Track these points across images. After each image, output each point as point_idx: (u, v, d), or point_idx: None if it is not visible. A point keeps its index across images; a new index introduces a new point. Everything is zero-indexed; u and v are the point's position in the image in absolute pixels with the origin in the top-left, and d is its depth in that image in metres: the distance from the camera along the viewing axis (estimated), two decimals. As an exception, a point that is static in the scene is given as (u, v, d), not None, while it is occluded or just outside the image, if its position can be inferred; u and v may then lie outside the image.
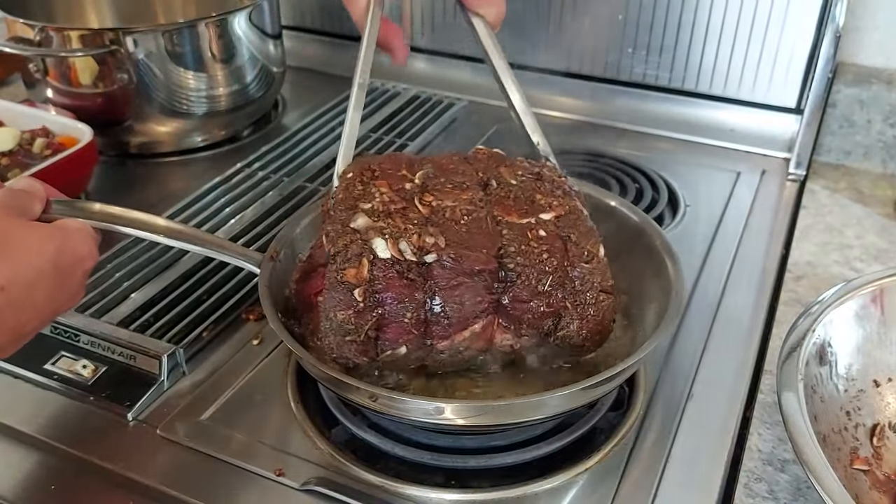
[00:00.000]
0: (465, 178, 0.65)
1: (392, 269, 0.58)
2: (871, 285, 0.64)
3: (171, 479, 0.61)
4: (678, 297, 0.64)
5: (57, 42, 0.96)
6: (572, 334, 0.61)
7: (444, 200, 0.62)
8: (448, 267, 0.59)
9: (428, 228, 0.60)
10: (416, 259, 0.58)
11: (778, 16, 1.01)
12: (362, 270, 0.58)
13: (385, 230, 0.59)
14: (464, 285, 0.59)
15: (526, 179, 0.67)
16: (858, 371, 0.63)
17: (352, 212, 0.61)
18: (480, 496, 0.60)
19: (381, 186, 0.63)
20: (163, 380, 0.69)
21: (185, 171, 1.04)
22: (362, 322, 0.58)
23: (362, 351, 0.60)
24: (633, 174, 0.99)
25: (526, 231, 0.62)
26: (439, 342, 0.61)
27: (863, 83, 1.00)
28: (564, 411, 0.60)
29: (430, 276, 0.59)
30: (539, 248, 0.61)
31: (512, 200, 0.64)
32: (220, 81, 1.04)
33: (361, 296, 0.58)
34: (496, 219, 0.63)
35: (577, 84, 1.16)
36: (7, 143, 0.91)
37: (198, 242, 0.66)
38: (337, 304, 0.58)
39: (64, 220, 0.60)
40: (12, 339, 0.55)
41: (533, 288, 0.60)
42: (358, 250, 0.58)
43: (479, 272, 0.59)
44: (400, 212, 0.61)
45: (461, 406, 0.58)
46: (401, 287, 0.58)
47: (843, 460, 0.58)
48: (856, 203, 0.95)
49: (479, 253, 0.59)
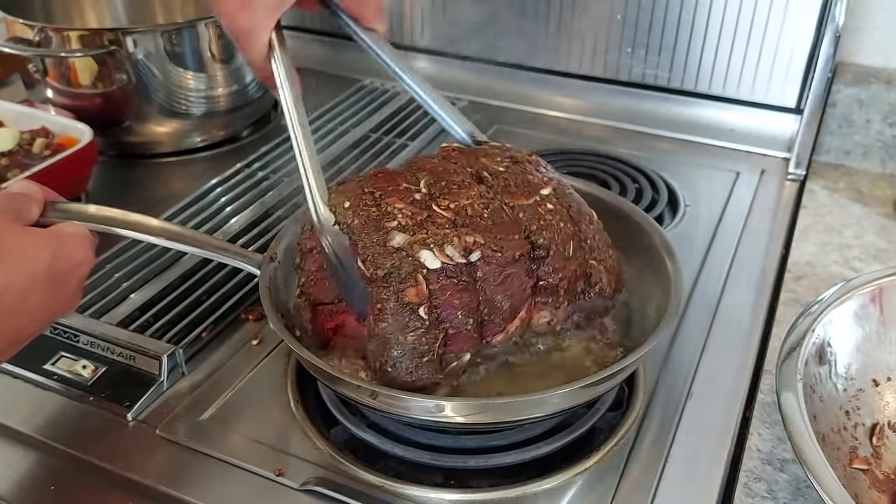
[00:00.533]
0: (462, 176, 0.65)
1: (445, 278, 0.58)
2: (871, 285, 0.64)
3: (171, 479, 0.61)
4: (678, 293, 0.64)
5: (56, 42, 0.96)
6: (605, 286, 0.66)
7: (458, 201, 0.62)
8: (494, 261, 0.59)
9: (461, 229, 0.60)
10: (465, 261, 0.58)
11: (777, 16, 1.01)
12: (421, 287, 0.57)
13: (427, 240, 0.58)
14: (511, 276, 0.60)
15: (508, 164, 0.68)
16: (858, 370, 0.63)
17: (382, 232, 0.59)
18: (480, 496, 0.60)
19: (394, 203, 0.61)
20: (162, 380, 0.69)
21: (185, 171, 1.04)
22: (432, 338, 0.58)
23: (437, 368, 0.59)
24: (633, 174, 0.99)
25: (537, 208, 0.64)
26: (494, 337, 0.62)
27: (862, 83, 1.00)
28: (565, 409, 0.60)
29: (478, 277, 0.59)
30: (555, 220, 0.64)
31: (514, 186, 0.65)
32: (220, 82, 1.04)
33: (426, 313, 0.57)
34: (509, 206, 0.64)
35: (577, 84, 1.16)
36: (7, 143, 0.91)
37: (196, 244, 0.66)
38: (405, 328, 0.57)
39: (60, 224, 0.59)
40: (8, 344, 0.55)
41: (563, 256, 0.63)
42: (410, 268, 0.57)
43: (520, 257, 0.61)
44: (428, 220, 0.60)
45: (461, 404, 0.58)
46: (457, 293, 0.58)
47: (843, 460, 0.58)
48: (855, 203, 0.95)
49: (513, 240, 0.61)
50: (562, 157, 1.03)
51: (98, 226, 0.63)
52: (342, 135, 1.08)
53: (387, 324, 0.57)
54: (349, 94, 1.19)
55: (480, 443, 0.63)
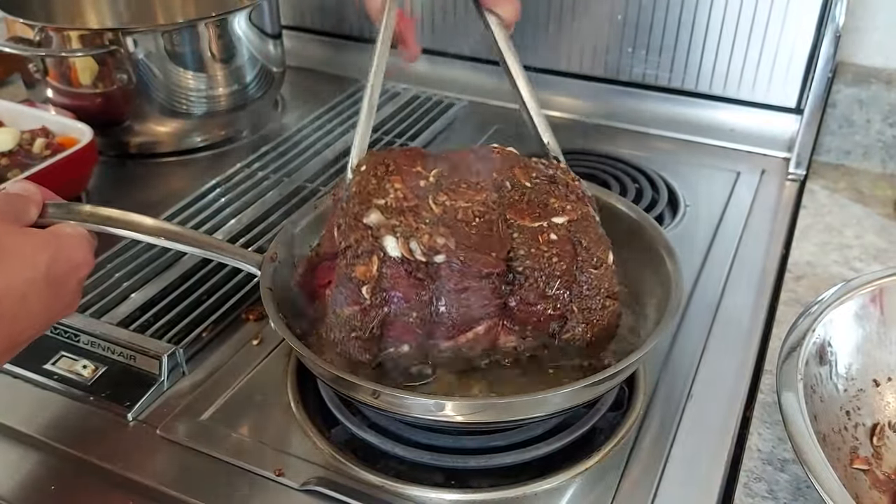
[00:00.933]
0: (480, 178, 0.65)
1: (401, 268, 0.58)
2: (871, 285, 0.64)
3: (171, 479, 0.61)
4: (678, 292, 0.64)
5: (57, 42, 0.96)
6: (577, 337, 0.63)
7: (457, 201, 0.62)
8: (456, 269, 0.59)
9: (439, 229, 0.60)
10: (426, 259, 0.58)
11: (778, 16, 1.01)
12: (371, 268, 0.58)
13: (397, 228, 0.59)
14: (470, 289, 0.60)
15: (540, 182, 0.66)
16: (858, 371, 0.63)
17: (365, 206, 0.60)
18: (480, 496, 0.60)
19: (395, 182, 0.62)
20: (163, 380, 0.69)
21: (185, 171, 1.04)
22: (368, 319, 0.58)
23: (366, 348, 0.60)
24: (633, 174, 0.99)
25: (537, 235, 0.62)
26: (443, 342, 0.61)
27: (862, 83, 1.00)
28: (566, 409, 0.60)
29: (437, 277, 0.59)
30: (549, 252, 0.61)
31: (525, 203, 0.64)
32: (220, 81, 1.04)
33: (369, 293, 0.58)
34: (508, 222, 0.63)
35: (577, 84, 1.16)
36: (7, 143, 0.91)
37: (196, 244, 0.66)
38: (345, 300, 0.58)
39: (59, 225, 0.59)
40: (6, 348, 0.54)
41: (540, 291, 0.61)
42: (369, 247, 0.58)
43: (488, 275, 0.60)
44: (412, 209, 0.61)
45: (462, 403, 0.58)
46: (408, 286, 0.58)
47: (843, 460, 0.58)
48: (855, 203, 0.95)
49: (487, 256, 0.60)
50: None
51: (97, 226, 0.62)
52: (342, 135, 1.08)
53: (332, 293, 0.59)
54: (349, 94, 1.19)
55: (481, 443, 0.63)
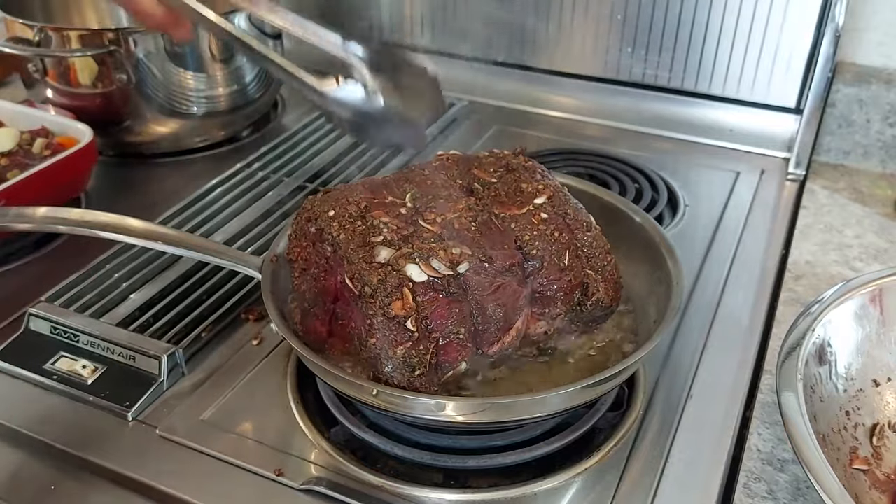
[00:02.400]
0: (450, 189, 0.66)
1: (433, 291, 0.58)
2: (871, 285, 0.64)
3: (171, 479, 0.61)
4: (678, 292, 0.65)
5: (56, 42, 0.96)
6: (602, 296, 0.65)
7: (445, 214, 0.62)
8: (482, 271, 0.59)
9: (448, 242, 0.60)
10: (453, 272, 0.58)
11: (777, 15, 1.01)
12: (407, 300, 0.57)
13: (413, 254, 0.58)
14: (502, 285, 0.60)
15: (502, 174, 0.68)
16: (858, 371, 0.63)
17: (368, 248, 0.59)
18: (480, 496, 0.60)
19: (379, 217, 0.61)
20: (162, 380, 0.69)
21: (185, 171, 1.04)
22: (423, 351, 0.57)
23: (430, 381, 0.59)
24: (633, 174, 0.99)
25: (530, 218, 0.64)
26: (490, 348, 0.61)
27: (862, 83, 1.00)
28: (566, 409, 0.60)
29: (468, 287, 0.59)
30: (549, 229, 0.64)
31: (505, 196, 0.66)
32: (220, 82, 1.04)
33: (414, 325, 0.57)
34: (499, 217, 0.64)
35: (577, 84, 1.16)
36: (7, 143, 0.90)
37: (195, 249, 0.66)
38: (393, 341, 0.57)
39: None
40: None
41: (557, 266, 0.63)
42: (396, 282, 0.57)
43: (511, 266, 0.61)
44: (414, 235, 0.60)
45: (462, 403, 0.58)
46: (447, 305, 0.58)
47: (843, 460, 0.58)
48: (855, 203, 0.95)
49: (503, 250, 0.61)
50: (562, 157, 1.03)
51: (92, 231, 0.62)
52: (342, 135, 1.08)
53: (376, 339, 0.57)
54: (349, 94, 1.19)
55: (480, 443, 0.63)
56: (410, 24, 1.23)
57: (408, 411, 0.59)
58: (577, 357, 0.67)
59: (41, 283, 0.78)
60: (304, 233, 0.65)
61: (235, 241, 0.86)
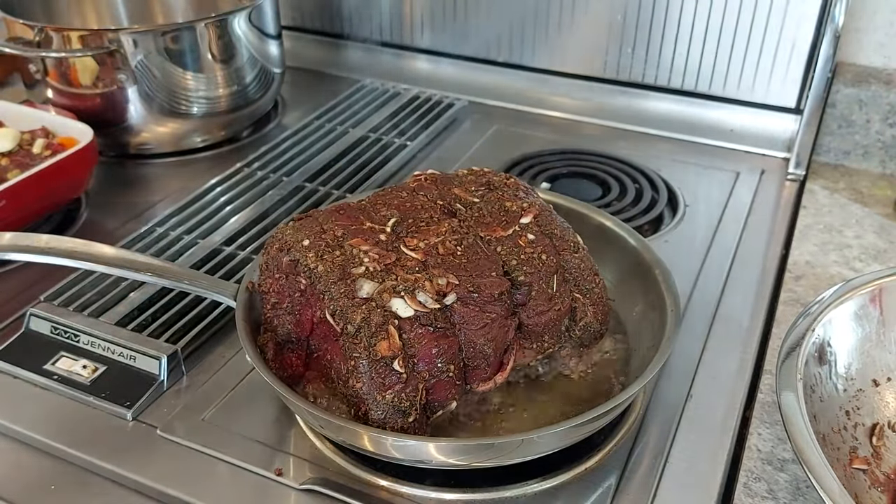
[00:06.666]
0: (431, 211, 0.63)
1: (420, 326, 0.55)
2: (870, 285, 0.64)
3: (171, 479, 0.61)
4: (673, 318, 0.64)
5: (57, 42, 0.96)
6: (591, 320, 0.63)
7: (428, 239, 0.59)
8: (471, 302, 0.57)
9: (433, 271, 0.57)
10: (439, 305, 0.56)
11: (777, 16, 1.01)
12: (393, 338, 0.54)
13: (397, 287, 0.55)
14: (490, 320, 0.57)
15: (483, 192, 0.65)
16: (858, 371, 0.63)
17: (348, 280, 0.56)
18: (480, 496, 0.60)
19: (358, 245, 0.58)
20: (162, 380, 0.69)
21: (185, 171, 1.04)
22: (413, 392, 0.54)
23: (423, 425, 0.56)
24: (633, 174, 1.00)
25: (517, 240, 0.62)
26: (481, 385, 0.59)
27: (862, 83, 1.00)
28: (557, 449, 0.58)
29: (455, 320, 0.56)
30: (536, 252, 0.61)
31: (489, 217, 0.63)
32: (220, 82, 1.04)
33: (401, 365, 0.54)
34: (485, 240, 0.61)
35: (577, 84, 1.16)
36: (7, 143, 0.91)
37: (167, 276, 0.65)
38: (381, 385, 0.54)
39: None
40: None
41: (546, 294, 0.61)
42: (380, 319, 0.54)
43: (500, 296, 0.58)
44: (397, 264, 0.57)
45: (445, 445, 0.56)
46: (434, 340, 0.55)
47: (843, 460, 0.58)
48: (855, 203, 0.95)
49: (490, 278, 0.58)
50: (562, 157, 1.03)
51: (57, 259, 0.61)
52: (342, 135, 1.08)
53: (362, 383, 0.54)
54: (349, 94, 1.19)
55: (480, 443, 0.62)
56: (410, 24, 1.23)
57: (391, 452, 0.56)
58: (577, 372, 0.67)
59: (41, 282, 0.79)
60: (277, 264, 0.61)
61: (235, 241, 0.86)
